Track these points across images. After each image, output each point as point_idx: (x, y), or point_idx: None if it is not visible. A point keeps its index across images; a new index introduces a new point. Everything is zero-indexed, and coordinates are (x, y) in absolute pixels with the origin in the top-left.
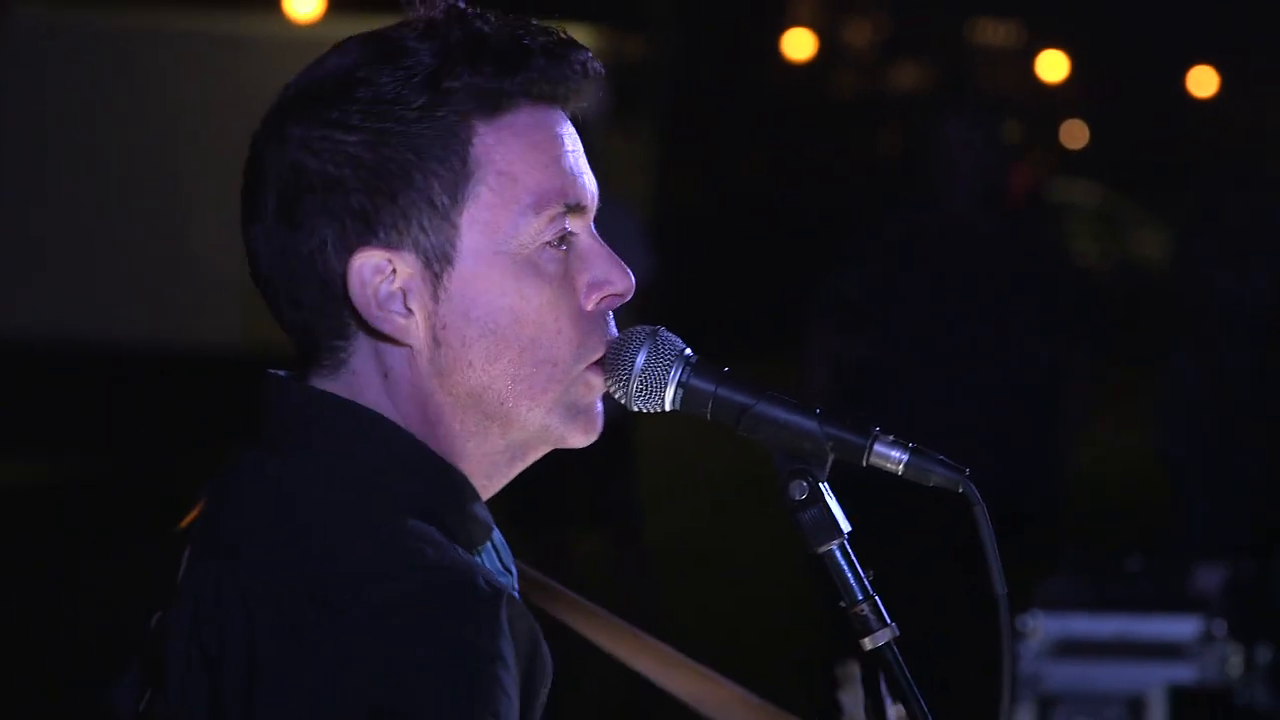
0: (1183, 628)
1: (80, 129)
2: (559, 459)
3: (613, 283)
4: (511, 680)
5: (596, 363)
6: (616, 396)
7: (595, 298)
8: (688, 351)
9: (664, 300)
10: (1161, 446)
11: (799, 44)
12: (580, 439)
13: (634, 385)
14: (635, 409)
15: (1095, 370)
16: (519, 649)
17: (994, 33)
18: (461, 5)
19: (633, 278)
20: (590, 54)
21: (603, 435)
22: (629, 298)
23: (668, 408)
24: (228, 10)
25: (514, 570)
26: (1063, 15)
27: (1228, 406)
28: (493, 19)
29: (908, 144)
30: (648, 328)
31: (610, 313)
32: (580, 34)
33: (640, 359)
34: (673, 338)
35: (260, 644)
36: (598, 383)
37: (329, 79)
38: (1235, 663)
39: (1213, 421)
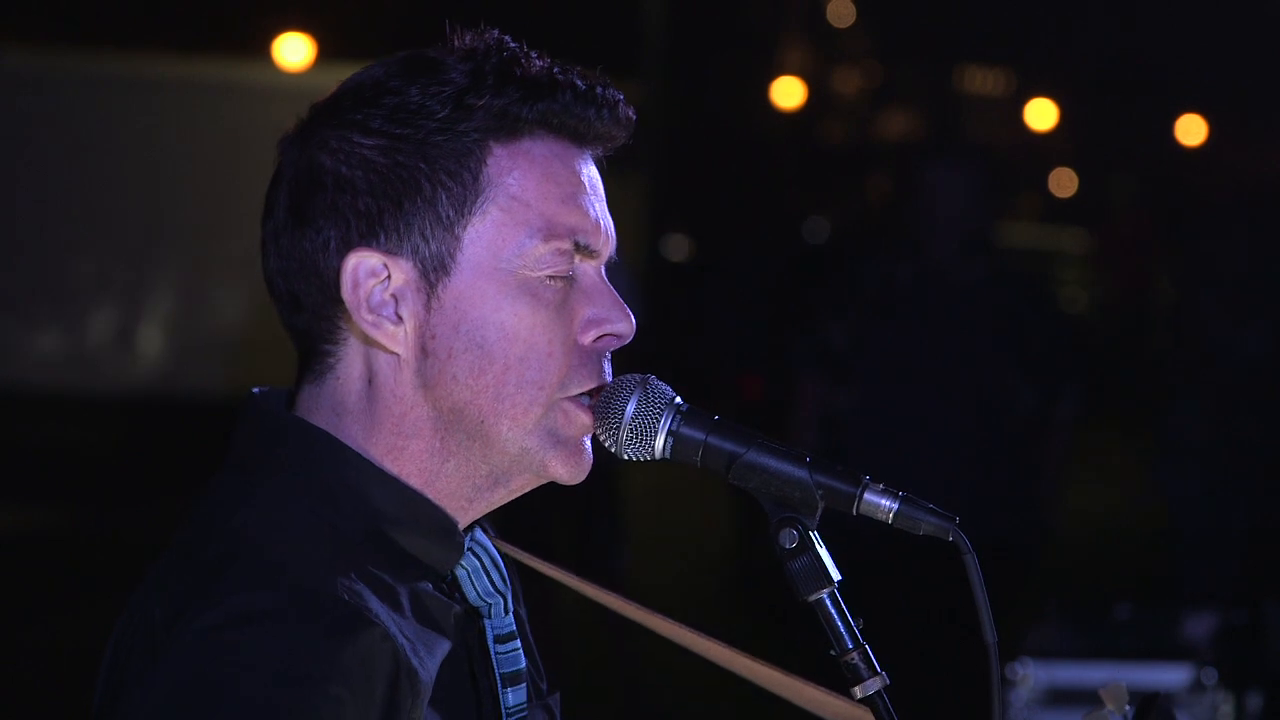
0: (1173, 676)
1: (67, 177)
2: (545, 499)
3: (612, 321)
4: (347, 698)
5: (582, 398)
6: (606, 444)
7: (593, 334)
8: (678, 400)
9: (655, 348)
10: (1164, 492)
11: (788, 92)
12: (563, 471)
13: (624, 433)
14: (625, 457)
15: (1082, 418)
16: (377, 671)
17: (983, 81)
18: (507, 39)
19: (634, 322)
20: (623, 99)
21: (591, 478)
22: (629, 340)
23: (658, 456)
24: (219, 58)
25: (505, 590)
26: (1052, 63)
27: (1230, 454)
28: (534, 54)
29: (896, 192)
30: (638, 376)
31: (608, 354)
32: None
33: (630, 407)
34: (663, 386)
35: (130, 656)
36: (580, 418)
37: (361, 86)
38: (1226, 711)
39: (1215, 469)
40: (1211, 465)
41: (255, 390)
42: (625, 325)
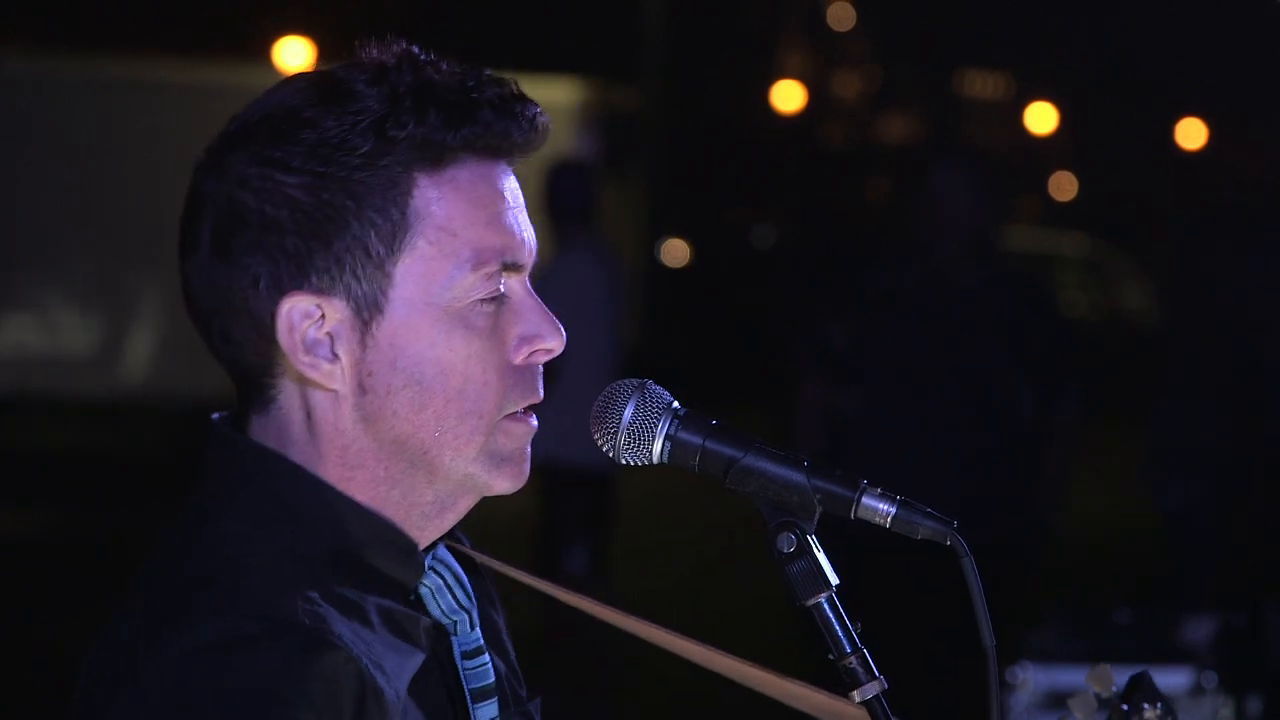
0: (1173, 680)
1: (67, 179)
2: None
3: (543, 337)
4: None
5: (520, 412)
6: (604, 449)
7: (525, 351)
8: (675, 404)
9: (654, 351)
10: (1163, 496)
11: (788, 96)
12: (506, 486)
13: (622, 438)
14: (623, 461)
15: (1082, 421)
16: (343, 694)
17: (983, 85)
18: (415, 50)
19: (564, 334)
20: (538, 108)
21: (578, 486)
22: (559, 353)
23: (655, 460)
24: (219, 61)
25: (470, 606)
26: (1051, 67)
27: (1228, 456)
28: (444, 66)
29: (897, 195)
30: (635, 381)
31: (540, 367)
32: (571, 86)
33: (628, 412)
34: (661, 391)
35: (100, 678)
36: (518, 429)
37: (274, 116)
38: (1226, 715)
39: (1213, 472)
40: (1210, 467)
41: (215, 415)
42: (556, 340)
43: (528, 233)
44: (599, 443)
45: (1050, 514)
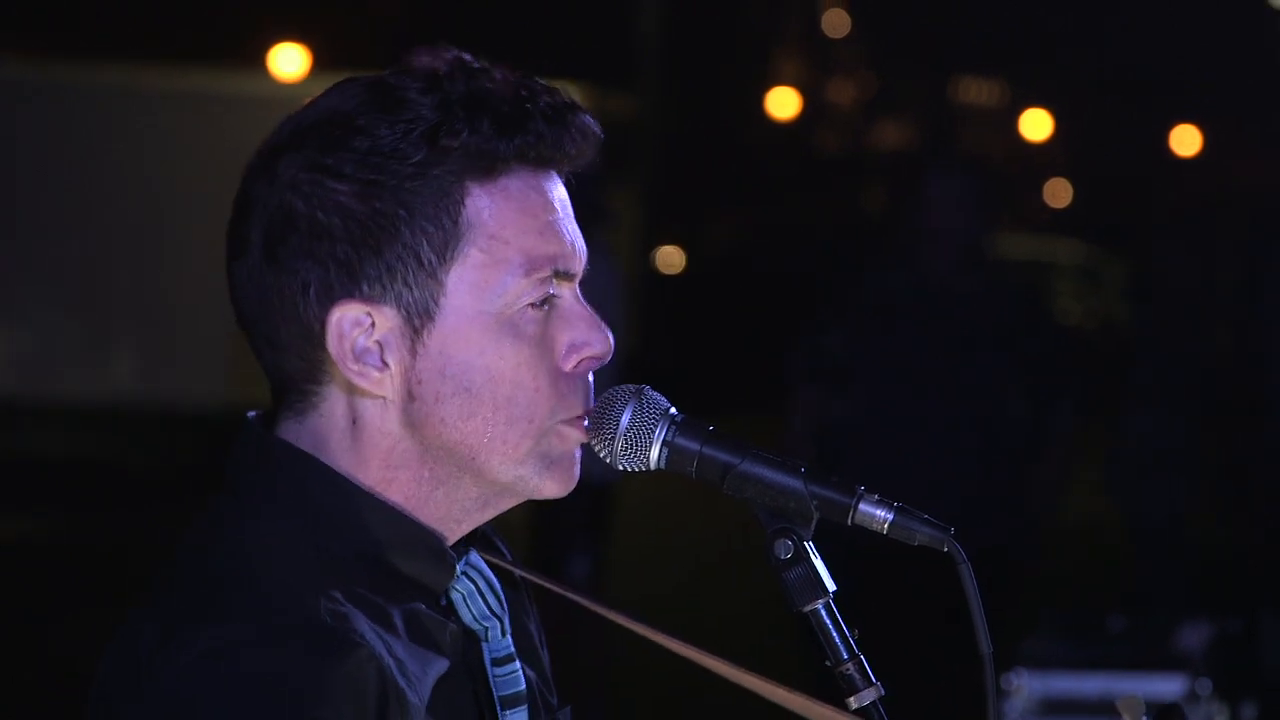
0: (1167, 687)
1: (60, 187)
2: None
3: (592, 345)
4: None
5: (574, 417)
6: (601, 455)
7: (574, 359)
8: (673, 410)
9: (649, 358)
10: (1132, 507)
11: (783, 103)
12: (554, 489)
13: (619, 444)
14: (620, 468)
15: (1076, 428)
16: (366, 692)
17: (977, 92)
18: (466, 58)
19: (612, 340)
20: (590, 117)
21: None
22: (608, 360)
23: (653, 467)
24: (214, 69)
25: (503, 613)
26: (1046, 74)
27: (1222, 465)
28: (497, 75)
29: (891, 202)
30: (633, 387)
31: (589, 376)
32: (567, 92)
33: (625, 418)
34: (658, 397)
35: (120, 677)
36: (572, 434)
37: (326, 122)
38: None
39: (1203, 476)
40: (1193, 472)
41: (250, 414)
42: (604, 347)
43: (578, 241)
44: (596, 449)
45: (1045, 519)
